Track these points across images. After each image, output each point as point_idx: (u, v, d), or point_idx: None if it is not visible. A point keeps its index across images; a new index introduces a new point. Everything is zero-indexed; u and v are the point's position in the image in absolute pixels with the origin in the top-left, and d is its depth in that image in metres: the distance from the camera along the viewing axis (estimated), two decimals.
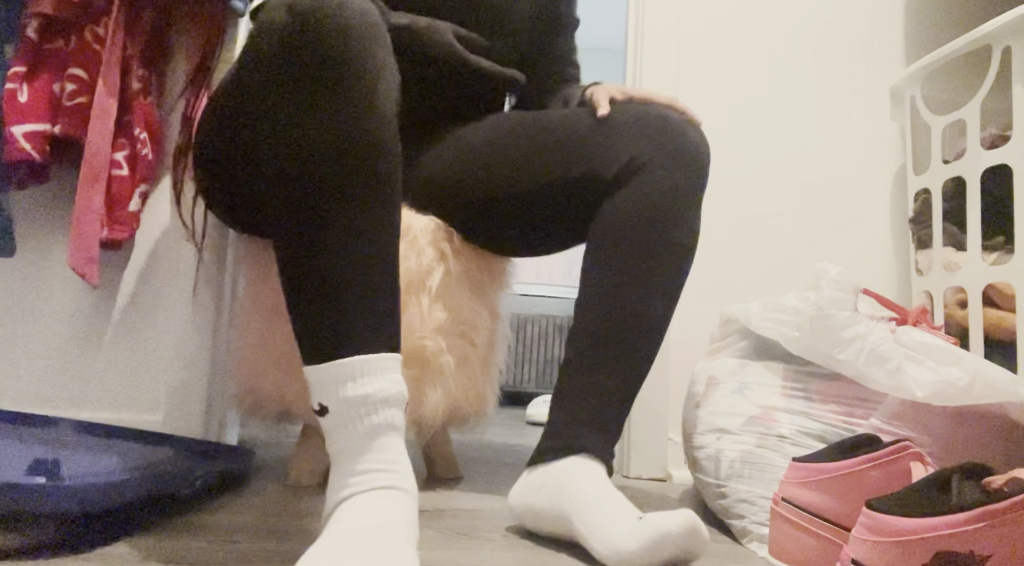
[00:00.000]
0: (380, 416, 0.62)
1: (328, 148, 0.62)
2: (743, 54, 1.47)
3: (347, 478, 0.61)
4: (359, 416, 0.61)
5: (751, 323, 0.95)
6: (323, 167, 0.62)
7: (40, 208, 1.24)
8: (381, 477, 0.61)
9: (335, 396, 0.62)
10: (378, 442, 0.62)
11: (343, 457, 0.62)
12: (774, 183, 1.44)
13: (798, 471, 0.74)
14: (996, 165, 1.08)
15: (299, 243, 0.63)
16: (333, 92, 0.62)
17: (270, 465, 1.19)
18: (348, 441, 0.61)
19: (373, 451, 0.61)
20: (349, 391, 0.61)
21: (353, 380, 0.62)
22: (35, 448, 0.87)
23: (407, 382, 1.03)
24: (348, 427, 0.61)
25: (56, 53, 1.16)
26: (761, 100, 1.46)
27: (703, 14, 1.47)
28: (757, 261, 1.42)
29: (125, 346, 1.24)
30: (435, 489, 1.10)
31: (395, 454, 0.62)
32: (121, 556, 0.66)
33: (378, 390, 0.62)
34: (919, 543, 0.54)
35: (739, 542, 0.87)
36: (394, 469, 0.62)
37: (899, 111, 1.38)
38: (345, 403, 0.61)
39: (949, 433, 0.81)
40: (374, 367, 0.62)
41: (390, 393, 0.63)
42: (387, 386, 0.63)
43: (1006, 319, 1.07)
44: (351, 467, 0.61)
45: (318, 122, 0.62)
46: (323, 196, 0.62)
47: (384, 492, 0.60)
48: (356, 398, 0.61)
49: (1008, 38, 1.06)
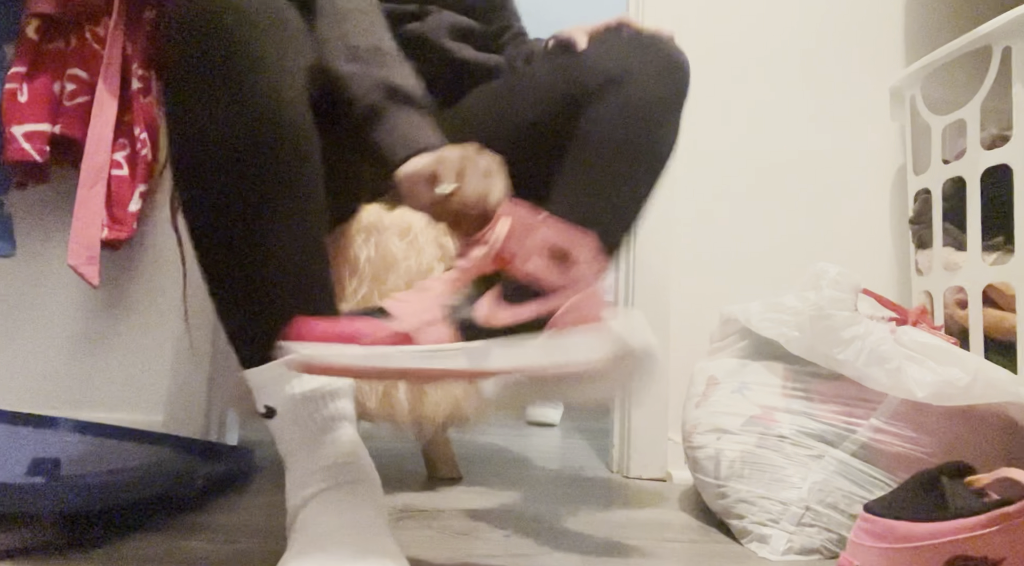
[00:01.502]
0: (330, 408, 0.60)
1: (230, 143, 0.60)
2: (743, 54, 1.47)
3: (307, 476, 0.59)
4: (309, 412, 0.60)
5: (751, 323, 0.95)
6: (229, 163, 0.60)
7: (40, 208, 1.24)
8: (344, 470, 0.60)
9: (281, 396, 0.60)
10: (332, 435, 0.60)
11: (298, 455, 0.60)
12: (774, 183, 1.44)
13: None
14: (996, 165, 1.08)
15: (219, 244, 0.61)
16: (227, 86, 0.60)
17: (270, 465, 1.19)
18: (301, 439, 0.60)
19: (328, 445, 0.60)
20: (295, 388, 0.60)
21: (298, 377, 0.60)
22: (35, 448, 0.87)
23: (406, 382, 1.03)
24: (299, 425, 0.60)
25: (56, 53, 1.16)
26: (761, 100, 1.46)
27: (703, 14, 1.47)
28: (757, 261, 1.42)
29: (125, 346, 1.24)
30: (435, 489, 1.10)
31: (351, 445, 0.61)
32: (121, 556, 0.66)
33: (325, 383, 0.61)
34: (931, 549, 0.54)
35: (739, 542, 0.87)
36: (353, 461, 0.61)
37: (899, 111, 1.38)
38: (292, 401, 0.60)
39: (949, 433, 0.81)
40: None
41: (337, 385, 0.61)
42: (333, 379, 0.61)
43: (1006, 319, 1.07)
44: (309, 465, 0.60)
45: (217, 117, 0.60)
46: (236, 192, 0.60)
47: (352, 486, 0.59)
48: (304, 394, 0.60)
49: (1008, 38, 1.06)
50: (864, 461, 0.83)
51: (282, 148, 0.62)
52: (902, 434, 0.82)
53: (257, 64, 0.61)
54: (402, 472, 1.24)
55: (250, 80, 0.61)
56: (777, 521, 0.83)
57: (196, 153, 0.61)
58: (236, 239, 0.61)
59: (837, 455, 0.84)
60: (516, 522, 0.90)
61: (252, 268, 0.61)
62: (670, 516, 1.01)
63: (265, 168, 0.61)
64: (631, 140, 0.84)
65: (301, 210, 0.63)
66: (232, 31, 0.60)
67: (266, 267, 0.61)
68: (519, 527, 0.87)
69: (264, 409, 0.61)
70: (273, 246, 0.61)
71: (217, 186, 0.60)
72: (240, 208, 0.60)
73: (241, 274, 0.61)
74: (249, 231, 0.60)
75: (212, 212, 0.61)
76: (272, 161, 0.61)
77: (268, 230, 0.61)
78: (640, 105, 0.85)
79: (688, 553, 0.82)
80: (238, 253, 0.61)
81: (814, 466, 0.84)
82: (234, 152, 0.60)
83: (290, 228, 0.62)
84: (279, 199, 0.61)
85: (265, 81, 0.61)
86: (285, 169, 0.62)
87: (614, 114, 0.85)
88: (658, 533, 0.90)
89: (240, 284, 0.61)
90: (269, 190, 0.61)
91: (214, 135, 0.60)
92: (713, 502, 0.94)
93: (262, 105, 0.61)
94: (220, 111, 0.60)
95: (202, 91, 0.60)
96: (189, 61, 0.60)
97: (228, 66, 0.60)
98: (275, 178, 0.61)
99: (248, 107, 0.60)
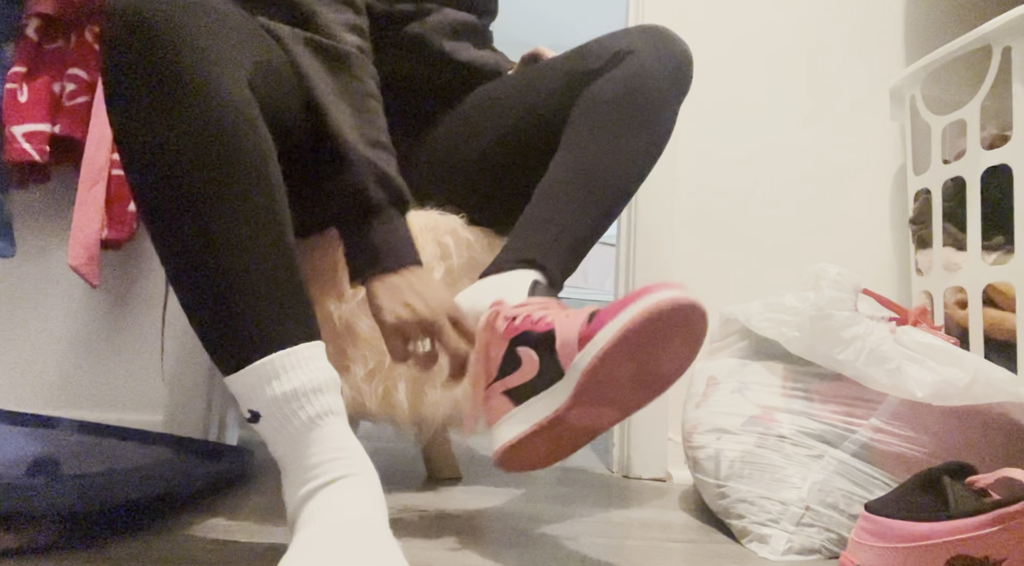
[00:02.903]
0: (315, 405, 0.60)
1: (174, 156, 0.59)
2: (743, 54, 1.47)
3: (301, 474, 0.59)
4: (293, 411, 0.59)
5: (751, 323, 0.95)
6: (176, 168, 0.59)
7: (40, 208, 1.24)
8: (336, 466, 0.59)
9: (263, 399, 0.59)
10: (320, 432, 0.60)
11: (291, 456, 0.60)
12: (774, 183, 1.44)
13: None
14: (996, 165, 1.08)
15: (180, 256, 0.60)
16: (166, 91, 0.59)
17: (270, 465, 1.19)
18: (289, 440, 0.60)
19: (318, 441, 0.60)
20: (276, 389, 0.59)
21: (277, 378, 0.59)
22: (35, 448, 0.87)
23: (408, 382, 1.03)
24: (285, 425, 0.60)
25: (56, 53, 1.16)
26: (761, 100, 1.46)
27: (702, 14, 1.47)
28: (757, 261, 1.42)
29: (125, 346, 1.24)
30: (435, 489, 1.10)
31: (342, 439, 0.61)
32: (121, 556, 0.66)
33: (306, 381, 0.60)
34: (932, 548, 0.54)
35: (739, 542, 0.87)
36: (346, 455, 0.60)
37: (899, 111, 1.38)
38: (275, 403, 0.59)
39: (949, 433, 0.81)
40: (295, 360, 0.60)
41: (319, 381, 0.61)
42: (314, 375, 0.61)
43: (1006, 319, 1.07)
44: (302, 463, 0.59)
45: (160, 124, 0.59)
46: (188, 198, 0.59)
47: (345, 481, 0.59)
48: (285, 395, 0.59)
49: (1008, 38, 1.06)
50: (864, 461, 0.83)
51: (231, 147, 0.61)
52: (902, 434, 0.82)
53: (197, 57, 0.60)
54: (402, 472, 1.24)
55: (189, 75, 0.59)
56: (777, 521, 0.83)
57: (145, 158, 0.60)
58: (196, 246, 0.60)
59: (837, 455, 0.84)
60: (516, 522, 0.90)
61: (219, 274, 0.60)
62: (670, 516, 1.01)
63: (215, 171, 0.60)
64: (633, 103, 0.87)
65: (259, 207, 0.62)
66: (166, 24, 0.59)
67: (234, 271, 0.60)
68: (519, 527, 0.87)
69: (249, 414, 0.61)
70: (238, 248, 0.60)
71: (173, 196, 0.59)
72: (199, 214, 0.59)
73: (208, 282, 0.60)
74: (207, 237, 0.59)
75: (175, 222, 0.60)
76: (223, 163, 0.60)
77: (231, 232, 0.60)
78: (643, 76, 0.87)
79: (688, 553, 0.82)
80: (200, 261, 0.60)
81: (814, 466, 0.84)
82: (182, 152, 0.59)
83: (252, 226, 0.61)
84: (237, 200, 0.60)
85: (204, 84, 0.60)
86: (236, 169, 0.61)
87: (618, 81, 0.87)
88: (658, 533, 0.90)
89: (209, 292, 0.60)
90: (225, 192, 0.60)
91: (159, 138, 0.59)
92: (713, 502, 0.94)
93: (206, 107, 0.60)
94: (162, 111, 0.59)
95: (140, 91, 0.59)
96: (124, 61, 0.59)
97: (166, 61, 0.59)
98: (228, 179, 0.60)
99: (190, 102, 0.59)
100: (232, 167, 0.60)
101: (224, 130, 0.61)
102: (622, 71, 0.88)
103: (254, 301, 0.60)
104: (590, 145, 0.86)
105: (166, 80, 0.59)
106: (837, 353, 0.84)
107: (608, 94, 0.87)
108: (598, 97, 0.88)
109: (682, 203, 1.41)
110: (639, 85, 0.87)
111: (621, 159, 0.86)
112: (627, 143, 0.87)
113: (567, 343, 0.65)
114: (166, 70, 0.59)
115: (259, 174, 0.62)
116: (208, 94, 0.60)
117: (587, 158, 0.85)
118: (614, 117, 0.87)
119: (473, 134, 1.01)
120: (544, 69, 0.98)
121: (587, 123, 0.87)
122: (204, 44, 0.61)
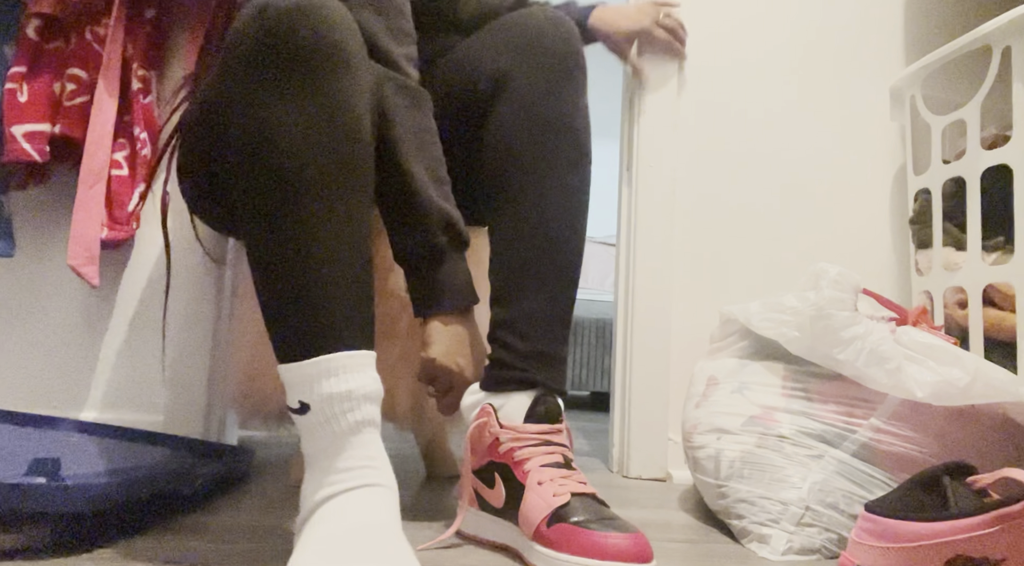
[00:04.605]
0: (361, 412, 0.61)
1: (301, 142, 0.61)
2: (742, 54, 1.47)
3: (328, 475, 0.60)
4: (341, 412, 0.60)
5: (751, 323, 0.95)
6: (297, 162, 0.61)
7: (40, 208, 1.24)
8: (367, 474, 0.60)
9: (316, 393, 0.60)
10: (359, 438, 0.61)
11: (323, 455, 0.61)
12: (774, 183, 1.44)
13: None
14: (996, 165, 1.08)
15: (275, 240, 0.62)
16: (305, 87, 0.62)
17: (270, 465, 1.19)
18: (328, 438, 0.61)
19: (355, 447, 0.61)
20: (332, 387, 0.60)
21: (336, 376, 0.61)
22: (35, 448, 0.87)
23: (408, 382, 1.03)
24: (329, 424, 0.60)
25: (56, 53, 1.16)
26: (760, 100, 1.46)
27: (702, 14, 1.47)
28: (757, 261, 1.42)
29: (125, 346, 1.24)
30: (435, 489, 1.10)
31: (376, 450, 0.62)
32: (121, 556, 0.66)
33: (360, 386, 0.61)
34: (931, 548, 0.54)
35: (739, 542, 0.87)
36: (377, 466, 0.61)
37: (899, 111, 1.38)
38: (327, 400, 0.60)
39: (949, 433, 0.81)
40: (355, 363, 0.62)
41: (370, 389, 0.62)
42: (367, 382, 0.62)
43: (1006, 319, 1.06)
44: (331, 464, 0.60)
45: (292, 116, 0.61)
46: (299, 191, 0.61)
47: (372, 489, 0.60)
48: (339, 394, 0.60)
49: (1008, 38, 1.06)
50: (864, 461, 0.83)
51: (351, 153, 0.64)
52: (902, 434, 0.82)
53: (334, 71, 0.63)
54: (402, 472, 1.24)
55: (328, 86, 0.63)
56: (777, 521, 0.83)
57: (267, 153, 0.61)
58: (297, 232, 0.61)
59: (837, 455, 0.84)
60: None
61: (305, 267, 0.61)
62: (670, 516, 1.01)
63: (332, 172, 0.62)
64: (536, 142, 0.85)
65: (357, 214, 0.64)
66: (313, 37, 0.62)
67: (320, 267, 0.61)
68: None
69: (298, 405, 0.62)
70: (330, 246, 0.62)
71: (284, 185, 0.61)
72: (303, 208, 0.61)
73: (294, 272, 0.61)
74: (310, 230, 0.61)
75: (277, 210, 0.61)
76: (339, 166, 0.63)
77: (328, 230, 0.62)
78: (531, 105, 0.85)
79: (688, 553, 0.82)
80: (295, 251, 0.61)
81: (814, 466, 0.84)
82: (306, 154, 0.61)
83: (347, 229, 0.63)
84: (340, 202, 0.63)
85: (341, 88, 0.63)
86: (349, 174, 0.64)
87: (511, 121, 0.86)
88: (658, 533, 0.90)
89: (291, 282, 0.61)
90: (333, 193, 0.62)
91: (290, 136, 0.61)
92: (713, 502, 0.94)
93: (337, 111, 0.63)
94: (296, 114, 0.62)
95: (277, 94, 0.61)
96: (266, 64, 0.62)
97: (306, 70, 0.62)
98: (340, 181, 0.63)
99: (325, 112, 0.62)
100: (353, 167, 0.64)
101: (360, 131, 0.65)
102: (509, 106, 0.86)
103: (335, 298, 0.62)
104: (520, 210, 0.83)
105: (303, 76, 0.62)
106: (837, 353, 0.84)
107: (511, 143, 0.85)
108: (502, 149, 0.85)
109: (682, 203, 1.42)
110: (536, 120, 0.84)
111: (568, 210, 0.84)
112: (559, 180, 0.84)
113: (527, 519, 0.72)
114: (333, 51, 0.63)
115: (368, 182, 0.66)
116: (340, 98, 0.64)
117: (541, 224, 0.83)
118: (529, 166, 0.84)
119: (442, 82, 0.98)
120: (465, 61, 0.94)
121: (509, 184, 0.84)
122: (357, 54, 0.66)
